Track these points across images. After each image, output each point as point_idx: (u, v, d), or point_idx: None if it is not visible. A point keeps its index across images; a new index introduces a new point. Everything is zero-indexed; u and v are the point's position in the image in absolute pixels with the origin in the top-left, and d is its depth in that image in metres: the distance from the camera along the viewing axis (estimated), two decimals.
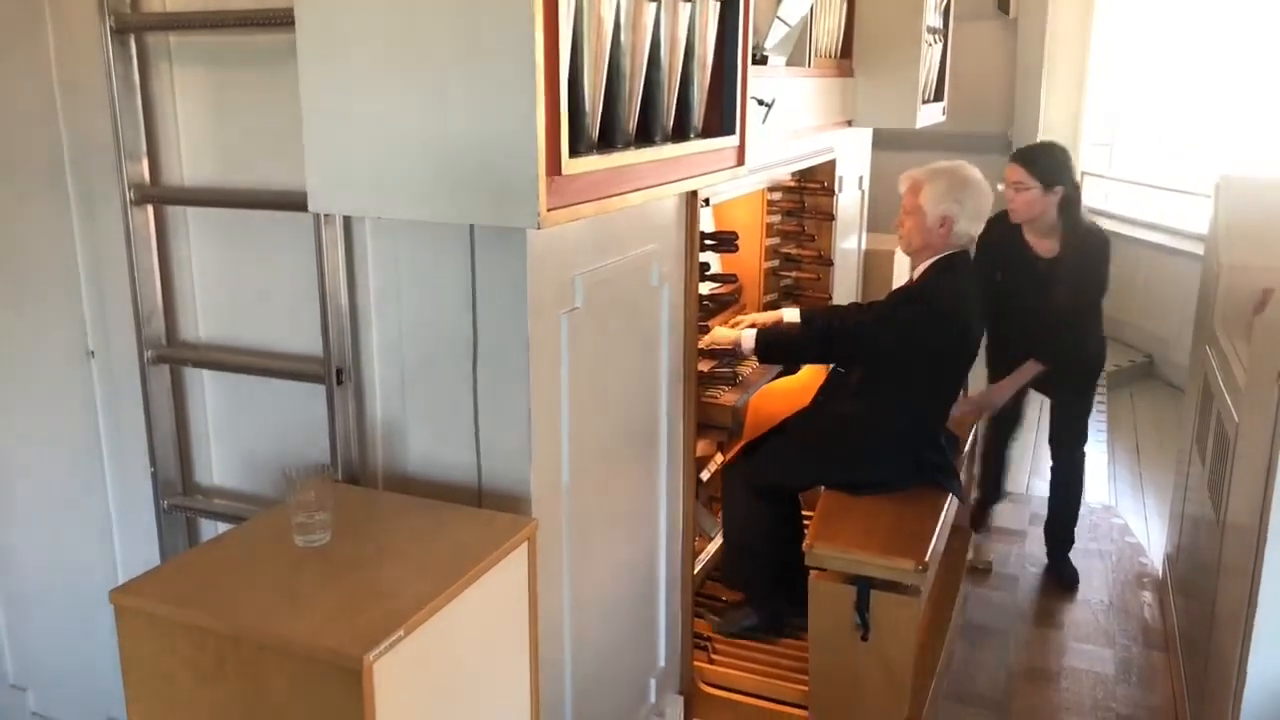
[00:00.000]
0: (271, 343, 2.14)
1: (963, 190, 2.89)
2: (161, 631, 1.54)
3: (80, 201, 2.21)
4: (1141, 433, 5.67)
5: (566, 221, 1.47)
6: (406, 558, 1.68)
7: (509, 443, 1.94)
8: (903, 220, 2.99)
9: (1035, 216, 3.54)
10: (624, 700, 2.50)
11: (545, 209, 1.39)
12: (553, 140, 1.40)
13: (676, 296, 2.51)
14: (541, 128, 1.37)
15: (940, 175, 2.92)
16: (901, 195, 3.02)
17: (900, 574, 2.62)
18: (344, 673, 1.41)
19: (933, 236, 2.91)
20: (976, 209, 2.91)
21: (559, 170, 1.41)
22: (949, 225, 2.88)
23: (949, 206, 2.87)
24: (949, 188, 2.88)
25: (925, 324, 2.83)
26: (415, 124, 1.48)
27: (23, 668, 2.72)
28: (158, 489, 2.22)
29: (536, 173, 1.37)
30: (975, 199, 2.90)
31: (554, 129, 1.40)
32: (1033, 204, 3.51)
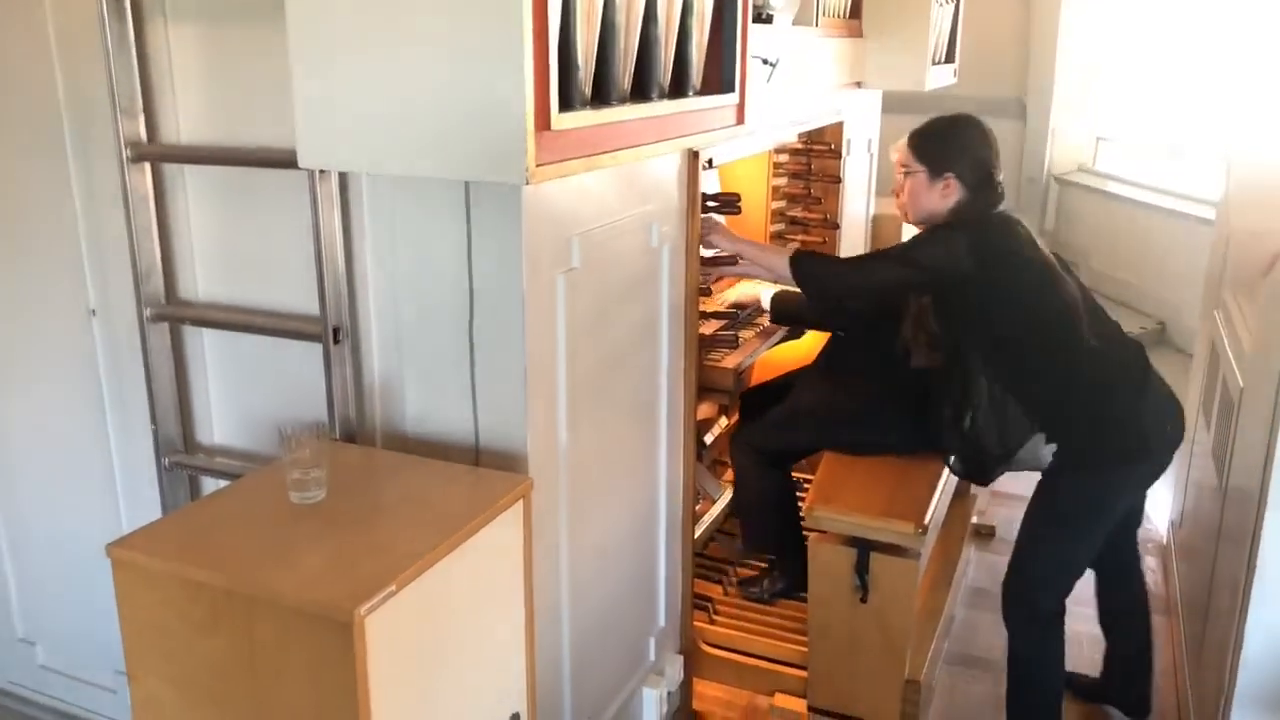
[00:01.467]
0: (270, 301, 2.14)
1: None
2: (157, 585, 1.55)
3: (78, 159, 2.21)
4: None
5: (556, 178, 1.46)
6: (401, 515, 1.69)
7: (505, 402, 1.94)
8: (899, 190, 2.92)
9: (915, 211, 2.67)
10: (623, 659, 2.52)
11: (534, 164, 1.38)
12: (542, 95, 1.39)
13: (677, 258, 2.50)
14: (530, 82, 1.36)
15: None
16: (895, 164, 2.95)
17: (900, 536, 2.62)
18: (336, 626, 1.42)
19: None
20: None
21: (548, 125, 1.40)
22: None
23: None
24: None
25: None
26: (404, 78, 1.47)
27: (31, 622, 2.76)
28: (159, 447, 2.23)
29: (525, 128, 1.36)
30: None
31: (543, 83, 1.38)
32: (915, 194, 2.63)
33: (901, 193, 2.87)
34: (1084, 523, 2.57)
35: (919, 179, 2.61)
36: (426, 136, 1.47)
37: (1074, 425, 2.54)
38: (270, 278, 2.13)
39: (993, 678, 3.09)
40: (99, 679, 2.67)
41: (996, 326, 2.56)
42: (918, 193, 2.63)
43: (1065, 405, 2.55)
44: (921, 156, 2.61)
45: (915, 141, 2.64)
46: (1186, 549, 3.37)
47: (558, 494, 2.09)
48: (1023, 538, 2.67)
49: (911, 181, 2.63)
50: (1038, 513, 2.65)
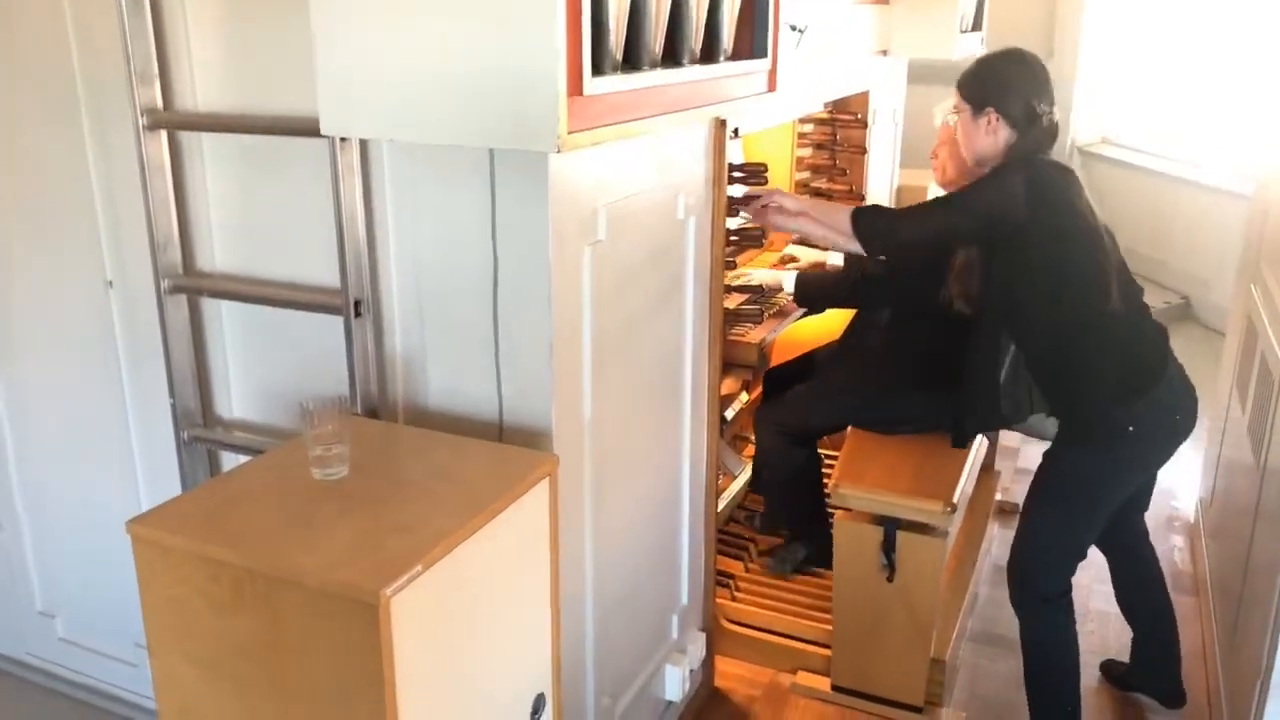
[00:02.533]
0: (289, 273, 2.10)
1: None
2: (177, 563, 1.52)
3: (94, 127, 2.17)
4: None
5: (587, 145, 1.40)
6: (425, 492, 1.65)
7: (530, 377, 1.90)
8: (937, 151, 2.87)
9: (969, 155, 2.55)
10: (646, 636, 2.49)
11: (566, 131, 1.33)
12: (574, 58, 1.33)
13: (703, 230, 2.44)
14: (563, 44, 1.30)
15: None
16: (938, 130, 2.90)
17: (928, 515, 2.58)
18: (361, 607, 1.38)
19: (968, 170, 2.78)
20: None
21: (580, 90, 1.35)
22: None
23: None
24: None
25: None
26: (430, 41, 1.42)
27: (51, 595, 2.75)
28: (177, 421, 2.20)
29: (557, 92, 1.30)
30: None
31: (576, 46, 1.33)
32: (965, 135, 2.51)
33: (938, 154, 2.81)
34: (1084, 500, 2.48)
35: (964, 118, 2.49)
36: (453, 102, 1.41)
37: (1087, 397, 2.43)
38: (289, 249, 2.09)
39: (1018, 656, 3.04)
40: (118, 652, 2.67)
41: (1037, 281, 2.40)
42: (966, 134, 2.50)
43: (1083, 376, 2.41)
44: (965, 93, 2.49)
45: (960, 80, 2.53)
46: (1217, 529, 3.31)
47: (582, 470, 2.05)
48: (1024, 514, 2.59)
49: (959, 124, 2.52)
50: (1039, 487, 2.55)
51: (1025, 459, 4.34)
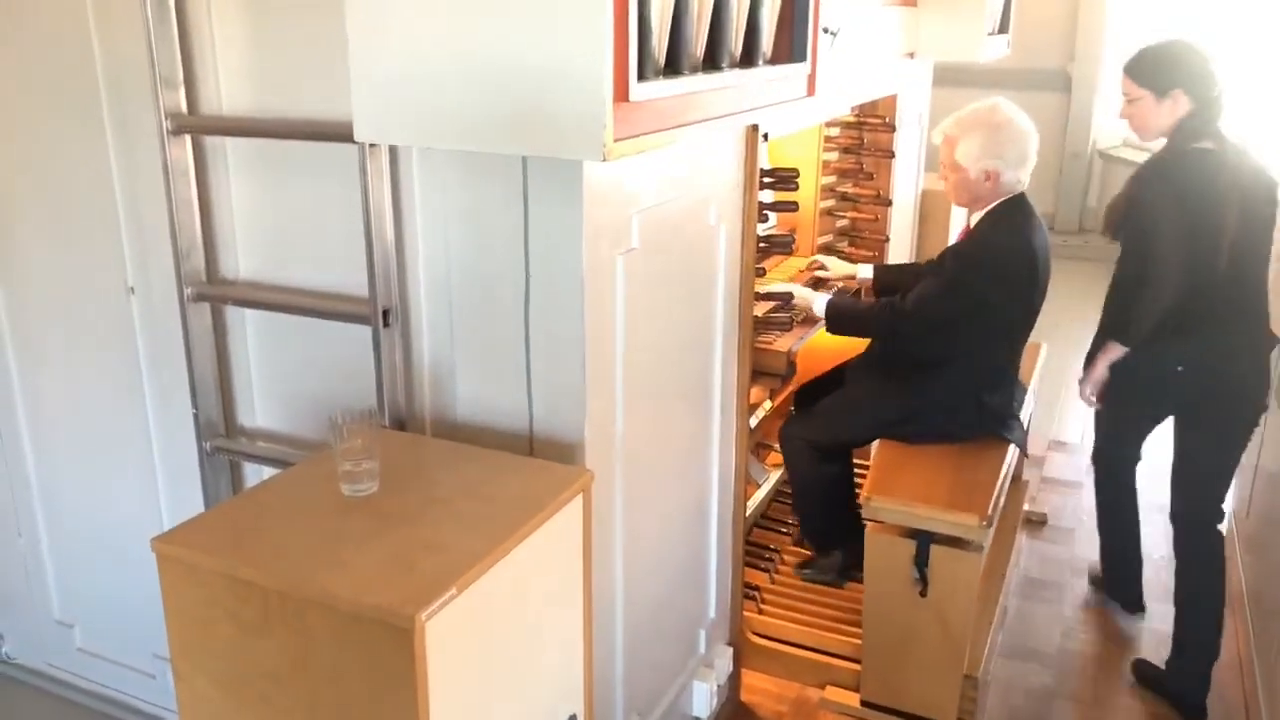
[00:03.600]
0: (314, 281, 2.05)
1: (999, 142, 2.69)
2: (204, 582, 1.48)
3: (117, 132, 2.13)
4: None
5: (633, 154, 1.35)
6: (457, 510, 1.60)
7: (562, 388, 1.85)
8: (945, 175, 2.83)
9: (1155, 133, 2.75)
10: (674, 652, 2.44)
11: (612, 139, 1.27)
12: (621, 62, 1.28)
13: (734, 237, 2.39)
14: (610, 47, 1.24)
15: (974, 130, 2.72)
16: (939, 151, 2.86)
17: (963, 529, 2.52)
18: (395, 632, 1.34)
19: (980, 189, 2.75)
20: (1020, 155, 2.71)
21: (626, 96, 1.29)
22: (994, 179, 2.71)
23: (988, 162, 2.70)
24: (984, 143, 2.70)
25: (991, 288, 2.68)
26: (470, 47, 1.37)
27: (69, 604, 2.71)
28: (200, 431, 2.16)
29: (603, 98, 1.25)
30: (1016, 145, 2.70)
31: (623, 49, 1.27)
32: (1146, 116, 2.71)
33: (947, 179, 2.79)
34: (1129, 393, 2.85)
35: (1143, 103, 2.74)
36: (493, 109, 1.36)
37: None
38: (314, 256, 2.05)
39: (1051, 671, 2.99)
40: (137, 663, 2.63)
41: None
42: (1145, 116, 2.75)
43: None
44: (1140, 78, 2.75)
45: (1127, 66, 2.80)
46: (1254, 540, 3.24)
47: (613, 484, 2.00)
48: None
49: (1135, 108, 2.76)
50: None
51: (1051, 468, 4.28)
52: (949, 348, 2.77)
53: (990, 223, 2.75)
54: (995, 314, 2.73)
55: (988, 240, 2.75)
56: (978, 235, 2.77)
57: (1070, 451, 4.49)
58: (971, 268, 2.73)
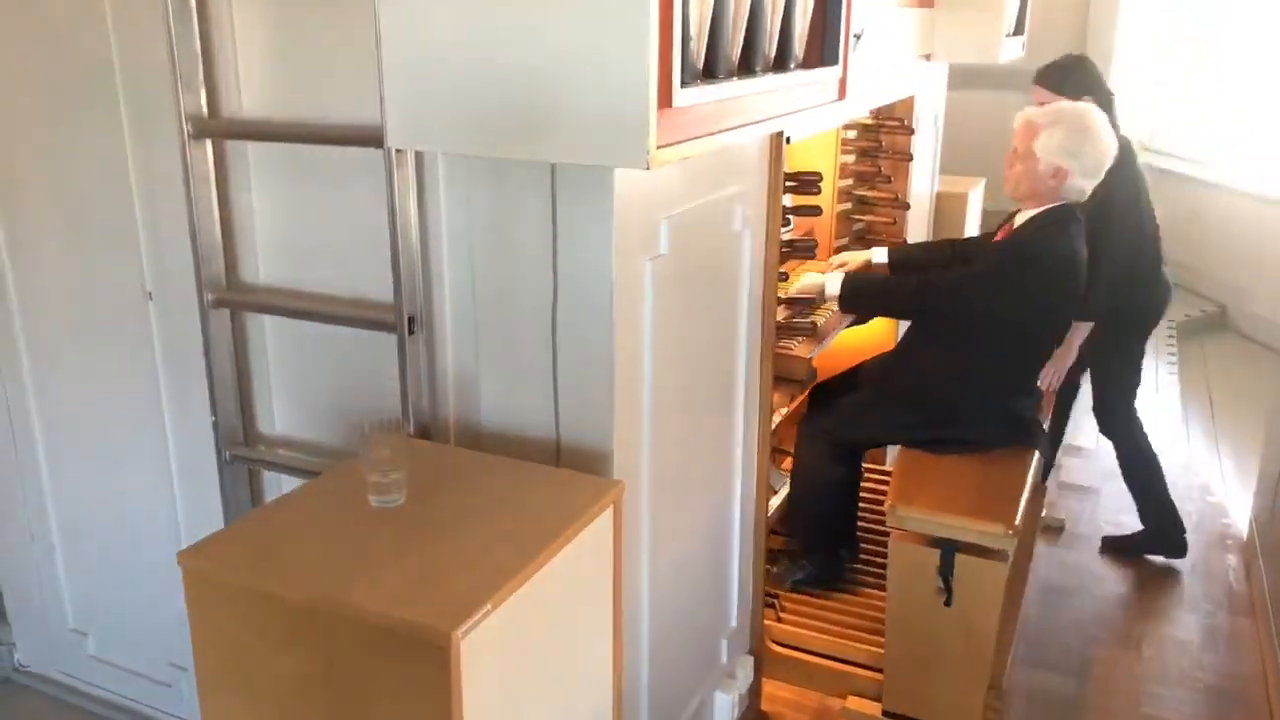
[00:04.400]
0: (336, 287, 2.02)
1: (1082, 142, 2.63)
2: (231, 598, 1.45)
3: (134, 135, 2.10)
4: (1215, 387, 5.45)
5: (675, 160, 1.32)
6: (487, 522, 1.57)
7: (590, 397, 1.82)
8: (1012, 161, 2.74)
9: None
10: (697, 663, 2.41)
11: (655, 146, 1.24)
12: (665, 67, 1.25)
13: (758, 241, 2.36)
14: (655, 52, 1.21)
15: (1060, 122, 2.65)
16: (1014, 134, 2.79)
17: (990, 538, 2.48)
18: (430, 649, 1.31)
19: (1042, 186, 2.67)
20: (1095, 164, 2.65)
21: (670, 102, 1.26)
22: (1061, 178, 2.64)
23: (1064, 159, 2.62)
24: (1067, 138, 2.62)
25: (1038, 290, 2.62)
26: (507, 52, 1.33)
27: (83, 612, 2.68)
28: (219, 439, 2.12)
29: (647, 104, 1.22)
30: (1095, 152, 2.64)
31: (667, 54, 1.24)
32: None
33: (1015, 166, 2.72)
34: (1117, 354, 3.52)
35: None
36: (533, 116, 1.33)
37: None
38: (335, 262, 2.01)
39: (1073, 681, 2.96)
40: (153, 672, 2.60)
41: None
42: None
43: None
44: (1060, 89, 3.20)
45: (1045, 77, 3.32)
46: (1275, 547, 3.21)
47: (641, 495, 1.97)
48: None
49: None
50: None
51: (1066, 473, 4.24)
52: (972, 353, 2.73)
53: (1040, 224, 2.67)
54: (1031, 317, 2.66)
55: (1038, 241, 2.66)
56: (1028, 234, 2.70)
57: (1085, 457, 4.46)
58: (1021, 265, 2.64)
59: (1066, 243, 2.65)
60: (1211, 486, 4.22)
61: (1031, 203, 2.71)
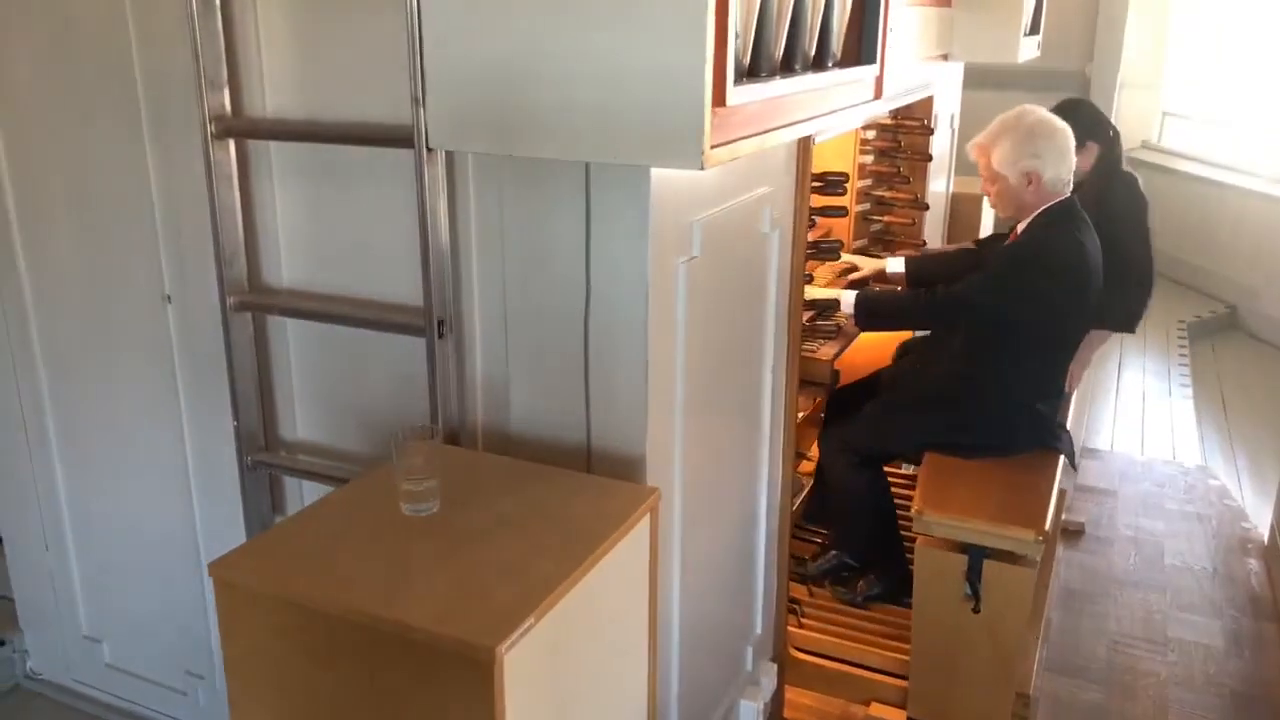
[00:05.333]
0: (361, 290, 1.98)
1: (1033, 141, 2.63)
2: (265, 610, 1.41)
3: (155, 134, 2.06)
4: (1227, 388, 5.42)
5: (727, 160, 1.28)
6: (524, 530, 1.53)
7: (623, 401, 1.78)
8: (986, 188, 2.77)
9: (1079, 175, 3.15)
10: (723, 672, 2.37)
11: (709, 145, 1.20)
12: (719, 64, 1.21)
13: (785, 243, 2.33)
14: (711, 48, 1.17)
15: (1004, 135, 2.67)
16: (976, 164, 2.80)
17: (1018, 544, 2.45)
18: (472, 664, 1.27)
19: (1024, 196, 2.68)
20: (1057, 150, 2.64)
21: (724, 100, 1.22)
22: (1036, 181, 2.64)
23: (1026, 163, 2.63)
24: (1017, 145, 2.63)
25: (1047, 287, 2.60)
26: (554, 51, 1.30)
27: (98, 619, 2.64)
28: (241, 444, 2.08)
29: (703, 102, 1.18)
30: (1051, 141, 2.64)
31: (721, 50, 1.20)
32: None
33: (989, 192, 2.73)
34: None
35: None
36: (581, 116, 1.29)
37: None
38: (360, 264, 1.98)
39: (1100, 687, 2.93)
40: (169, 680, 2.56)
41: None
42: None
43: None
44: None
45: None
46: None
47: (673, 501, 1.93)
48: None
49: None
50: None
51: (1084, 476, 4.21)
52: (995, 358, 2.70)
53: (1041, 226, 2.67)
54: (1044, 316, 2.65)
55: (1039, 241, 2.66)
56: (1029, 237, 2.69)
57: (1102, 459, 4.43)
58: (1022, 266, 2.65)
59: (1070, 239, 2.64)
60: (1229, 490, 4.19)
61: (1025, 213, 2.71)
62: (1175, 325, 6.26)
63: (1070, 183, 2.70)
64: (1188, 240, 6.84)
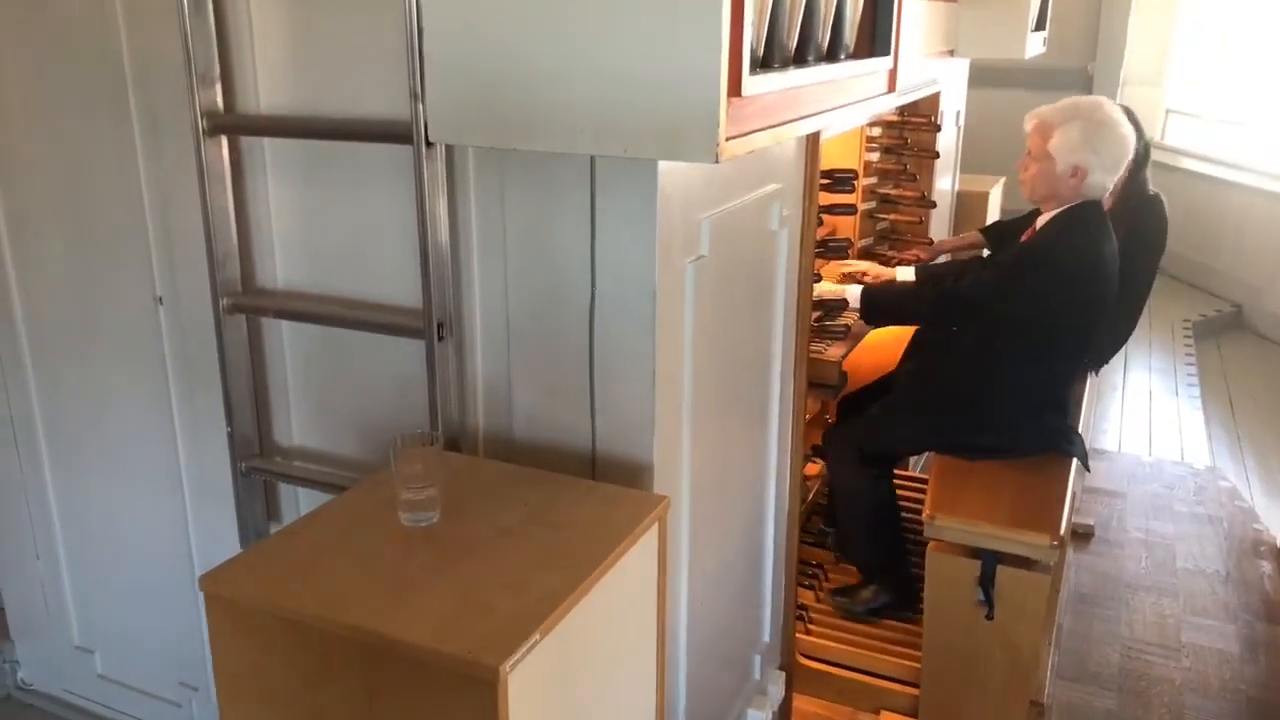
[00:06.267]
0: (359, 291, 1.92)
1: (1100, 138, 2.51)
2: (258, 626, 1.35)
3: (145, 131, 2.00)
4: (1234, 387, 5.36)
5: (742, 154, 1.22)
6: (528, 542, 1.47)
7: (630, 406, 1.72)
8: (1027, 164, 2.64)
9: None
10: (731, 681, 2.32)
11: (724, 138, 1.14)
12: (735, 53, 1.15)
13: (794, 241, 2.27)
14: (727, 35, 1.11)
15: (1076, 118, 2.54)
16: (1027, 135, 2.70)
17: (1033, 549, 2.39)
18: (475, 683, 1.21)
19: (1061, 186, 2.56)
20: (1115, 159, 2.53)
21: (739, 90, 1.16)
22: (1081, 176, 2.53)
23: (1083, 157, 2.51)
24: (1084, 135, 2.51)
25: (1056, 291, 2.52)
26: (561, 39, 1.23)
27: (90, 629, 2.58)
28: (234, 450, 2.02)
29: (719, 93, 1.12)
30: (1114, 148, 2.53)
31: (738, 38, 1.14)
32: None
33: (1029, 168, 2.63)
34: None
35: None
36: (588, 108, 1.23)
37: None
38: (357, 265, 1.91)
39: (1113, 694, 2.87)
40: (161, 691, 2.50)
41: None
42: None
43: None
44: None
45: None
46: None
47: (681, 508, 1.87)
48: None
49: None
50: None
51: (1093, 477, 4.15)
52: (1007, 360, 2.63)
53: (1063, 224, 2.58)
54: (1056, 323, 2.58)
55: (1057, 242, 2.58)
56: (1047, 236, 2.61)
57: (1110, 459, 4.38)
58: (1037, 267, 2.58)
59: (1088, 242, 2.56)
60: (1239, 491, 4.13)
61: (1052, 204, 2.62)
62: (1181, 324, 6.20)
63: (1109, 190, 2.62)
64: (1192, 239, 6.78)
